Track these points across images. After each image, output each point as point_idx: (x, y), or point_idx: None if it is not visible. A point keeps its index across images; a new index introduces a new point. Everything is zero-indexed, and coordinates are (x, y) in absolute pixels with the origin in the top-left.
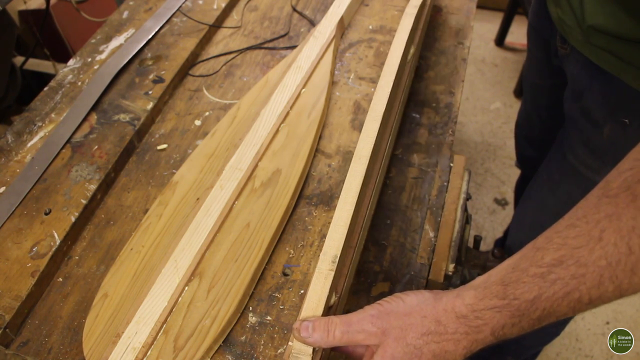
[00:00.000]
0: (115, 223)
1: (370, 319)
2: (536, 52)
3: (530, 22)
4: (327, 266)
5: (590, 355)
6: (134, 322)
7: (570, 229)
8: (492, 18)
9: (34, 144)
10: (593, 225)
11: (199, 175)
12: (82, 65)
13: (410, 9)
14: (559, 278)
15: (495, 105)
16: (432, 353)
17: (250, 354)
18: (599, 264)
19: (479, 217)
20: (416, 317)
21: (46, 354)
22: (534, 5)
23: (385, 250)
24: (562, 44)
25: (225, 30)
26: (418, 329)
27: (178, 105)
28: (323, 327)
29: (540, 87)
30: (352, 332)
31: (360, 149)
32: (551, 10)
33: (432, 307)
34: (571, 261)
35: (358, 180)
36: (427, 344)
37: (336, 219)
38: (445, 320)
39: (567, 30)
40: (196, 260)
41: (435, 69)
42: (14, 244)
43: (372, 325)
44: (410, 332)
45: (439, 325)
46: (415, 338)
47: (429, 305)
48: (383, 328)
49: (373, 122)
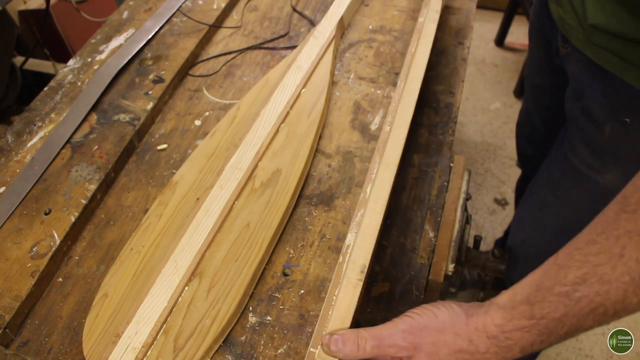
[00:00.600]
0: (115, 223)
1: (402, 334)
2: (537, 52)
3: (531, 21)
4: (356, 276)
5: (590, 355)
6: (134, 322)
7: (591, 246)
8: (492, 18)
9: (34, 144)
10: (613, 241)
11: (199, 175)
12: (82, 65)
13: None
14: (584, 296)
15: (495, 105)
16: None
17: (250, 354)
18: (622, 280)
19: (479, 217)
20: (449, 334)
21: (46, 354)
22: (535, 4)
23: (385, 250)
24: (563, 44)
25: (225, 30)
26: (451, 346)
27: (178, 105)
28: (353, 342)
29: (541, 86)
30: (384, 346)
31: (388, 156)
32: (552, 9)
33: (465, 325)
34: (594, 279)
35: (387, 188)
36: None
37: (365, 227)
38: (477, 339)
39: (569, 29)
40: (196, 260)
41: (435, 69)
42: (14, 244)
43: (403, 341)
44: (443, 348)
45: (471, 344)
46: (448, 355)
47: (462, 322)
48: (415, 343)
49: (401, 128)
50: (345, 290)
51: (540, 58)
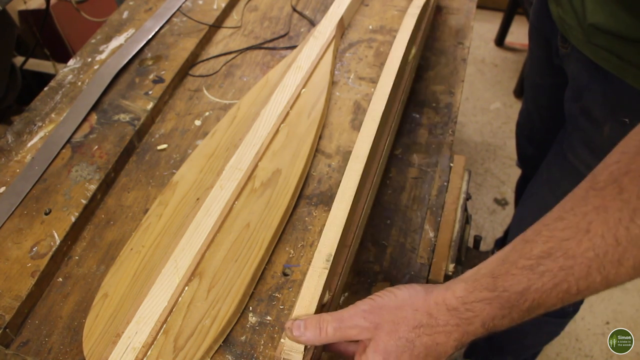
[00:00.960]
0: (115, 223)
1: (363, 313)
2: (537, 52)
3: (531, 21)
4: (322, 264)
5: (590, 355)
6: (134, 322)
7: (559, 222)
8: (492, 18)
9: (34, 144)
10: (581, 217)
11: (199, 175)
12: (82, 65)
13: (412, 9)
14: (547, 270)
15: (495, 105)
16: (424, 345)
17: (250, 354)
18: (586, 256)
19: (479, 217)
20: (408, 310)
21: (46, 354)
22: (535, 4)
23: (385, 250)
24: (563, 43)
25: (225, 30)
26: (410, 322)
27: (178, 105)
28: (315, 325)
29: (541, 86)
30: (345, 327)
31: (357, 149)
32: (552, 9)
33: (424, 300)
34: (559, 253)
35: (355, 179)
36: (419, 337)
37: (332, 217)
38: (437, 312)
39: (568, 29)
40: (196, 260)
41: (435, 69)
42: (14, 244)
43: (364, 320)
44: (403, 325)
45: (431, 317)
46: (407, 331)
47: (420, 298)
48: (375, 322)
49: (371, 122)
50: (310, 279)
51: (540, 58)
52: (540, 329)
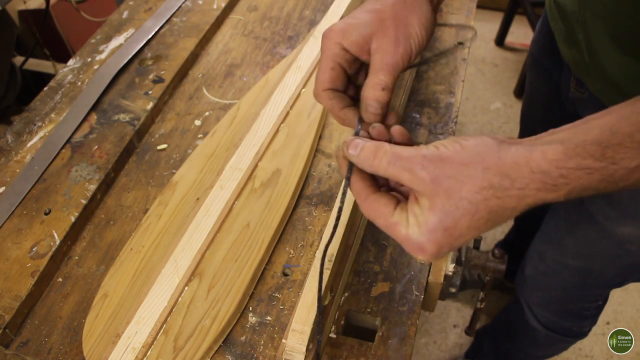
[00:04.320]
0: (115, 223)
1: (422, 159)
2: (540, 87)
3: (532, 52)
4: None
5: (590, 355)
6: (134, 322)
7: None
8: (492, 18)
9: (33, 144)
10: None
11: (199, 175)
12: (82, 65)
13: None
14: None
15: (495, 105)
16: (488, 209)
17: (250, 354)
18: None
19: None
20: (476, 167)
21: (46, 354)
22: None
23: (385, 250)
24: (578, 87)
25: (225, 30)
26: (477, 182)
27: (178, 105)
28: (372, 150)
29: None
30: (399, 166)
31: None
32: (564, 52)
33: (497, 158)
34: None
35: None
36: (486, 200)
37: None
38: (515, 173)
39: (585, 75)
40: (196, 260)
41: (435, 69)
42: (14, 244)
43: (421, 168)
44: (468, 184)
45: (505, 179)
46: (472, 192)
47: (494, 154)
48: (434, 175)
49: None
50: (312, 280)
51: (543, 94)
52: (554, 344)
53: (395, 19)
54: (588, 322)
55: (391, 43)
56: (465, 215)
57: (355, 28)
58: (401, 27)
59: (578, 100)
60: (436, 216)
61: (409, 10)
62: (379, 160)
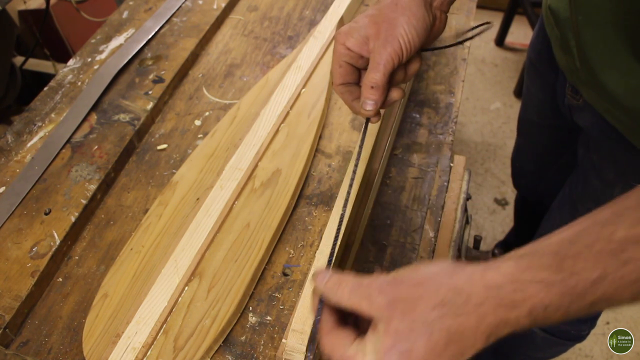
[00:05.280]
0: (115, 223)
1: (380, 284)
2: (536, 92)
3: (530, 56)
4: (324, 265)
5: (590, 355)
6: (134, 322)
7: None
8: (492, 18)
9: (33, 144)
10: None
11: (199, 175)
12: (82, 65)
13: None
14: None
15: (495, 105)
16: (445, 330)
17: (250, 354)
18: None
19: (479, 217)
20: (430, 286)
21: (46, 354)
22: (535, 43)
23: (385, 250)
24: (574, 94)
25: (225, 30)
26: (430, 299)
27: (178, 105)
28: (337, 280)
29: (539, 125)
30: (359, 294)
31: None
32: (559, 58)
33: (451, 276)
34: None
35: (356, 181)
36: (441, 318)
37: (334, 218)
38: (469, 288)
39: (579, 83)
40: (196, 260)
41: (435, 69)
42: (14, 244)
43: (379, 293)
44: (421, 303)
45: (459, 294)
46: (426, 311)
47: (448, 273)
48: (390, 298)
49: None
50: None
51: (539, 99)
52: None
53: (385, 22)
54: (586, 325)
55: (381, 44)
56: (420, 338)
57: (356, 30)
58: (390, 28)
59: (574, 107)
60: (390, 339)
61: (399, 12)
62: (342, 290)
